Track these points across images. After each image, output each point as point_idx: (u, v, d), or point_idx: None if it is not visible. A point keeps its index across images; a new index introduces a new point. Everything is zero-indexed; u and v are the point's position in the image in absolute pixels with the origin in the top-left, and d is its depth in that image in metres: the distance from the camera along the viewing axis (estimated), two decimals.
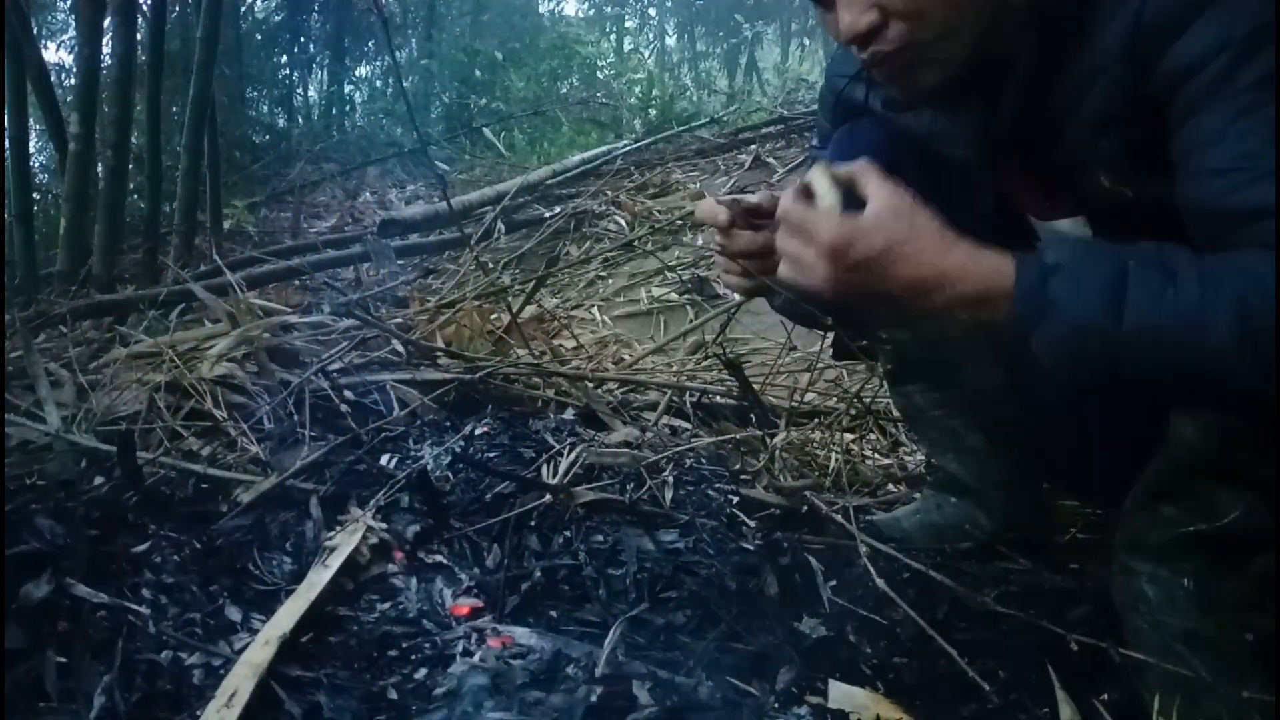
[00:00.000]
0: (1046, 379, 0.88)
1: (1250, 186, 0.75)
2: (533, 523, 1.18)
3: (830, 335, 1.43)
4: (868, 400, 1.85)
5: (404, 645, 0.97)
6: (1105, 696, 0.96)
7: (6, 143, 3.85)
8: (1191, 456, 0.91)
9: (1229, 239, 0.76)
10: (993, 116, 0.96)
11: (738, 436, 1.65)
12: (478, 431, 1.46)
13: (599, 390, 1.81)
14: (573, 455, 1.33)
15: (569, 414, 1.63)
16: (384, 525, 1.15)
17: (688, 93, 10.41)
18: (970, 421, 1.28)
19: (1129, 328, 0.74)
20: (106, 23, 3.85)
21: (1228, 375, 0.73)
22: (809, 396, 1.93)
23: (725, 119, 7.00)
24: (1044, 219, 1.08)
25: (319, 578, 1.02)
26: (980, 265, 0.81)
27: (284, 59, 10.71)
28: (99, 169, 3.75)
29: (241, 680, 0.84)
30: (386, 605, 1.04)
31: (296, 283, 3.46)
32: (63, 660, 0.86)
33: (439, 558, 1.12)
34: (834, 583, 1.13)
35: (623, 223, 4.35)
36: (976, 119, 0.98)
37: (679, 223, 4.02)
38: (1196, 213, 0.80)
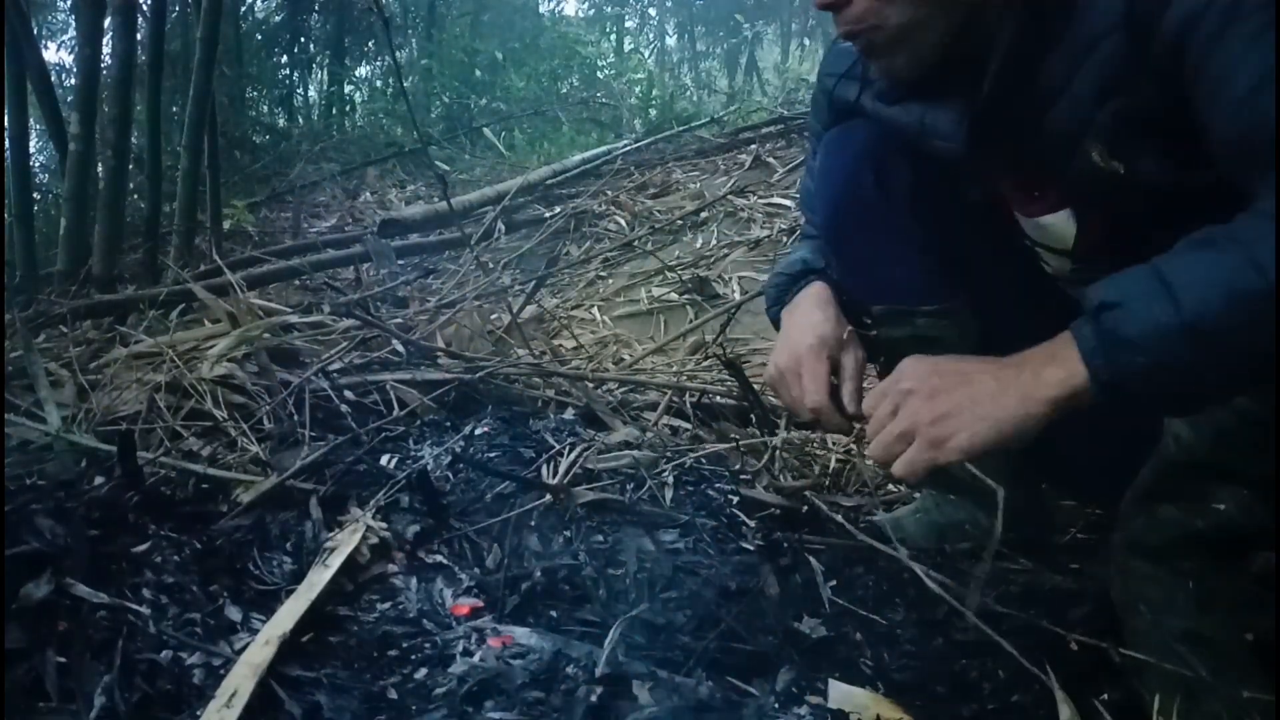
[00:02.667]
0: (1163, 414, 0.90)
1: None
2: (533, 523, 1.18)
3: None
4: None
5: (404, 645, 0.97)
6: (1105, 696, 0.96)
7: (7, 143, 3.85)
8: (1186, 456, 0.90)
9: (1267, 161, 0.74)
10: (976, 105, 0.97)
11: (737, 438, 1.65)
12: (478, 432, 1.46)
13: (599, 390, 1.81)
14: (573, 455, 1.33)
15: (569, 414, 1.63)
16: (384, 525, 1.15)
17: (688, 92, 10.41)
18: None
19: (1189, 308, 0.72)
20: (107, 23, 3.85)
21: None
22: None
23: (725, 119, 6.99)
24: (1030, 215, 1.08)
25: (319, 578, 1.02)
26: (1053, 369, 0.80)
27: (284, 59, 10.70)
28: (99, 169, 3.75)
29: (242, 680, 0.84)
30: (386, 605, 1.04)
31: (297, 283, 3.45)
32: (63, 660, 0.86)
33: (439, 558, 1.12)
34: (834, 583, 1.13)
35: (623, 223, 4.35)
36: (966, 109, 0.98)
37: (679, 223, 4.02)
38: (1233, 148, 0.78)
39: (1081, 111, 0.89)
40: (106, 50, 4.02)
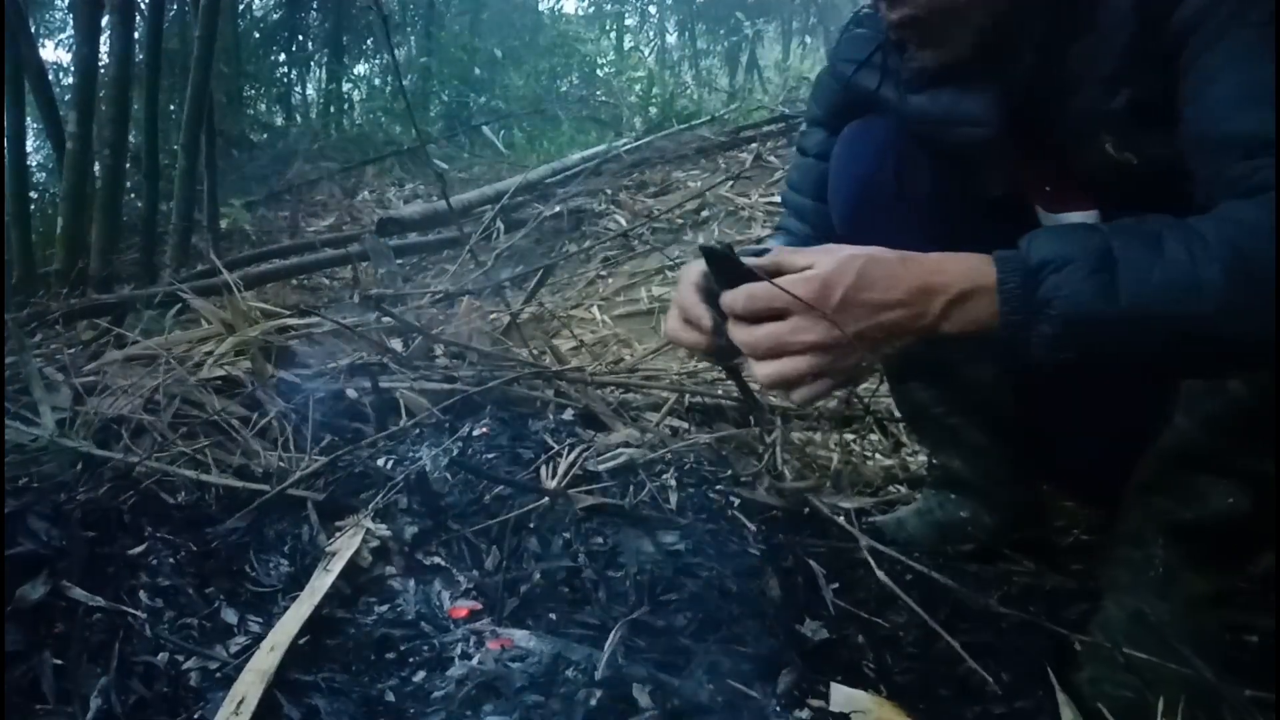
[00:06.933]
0: (1047, 373, 0.88)
1: (1253, 110, 0.75)
2: (531, 524, 1.17)
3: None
4: (867, 400, 1.84)
5: (402, 648, 0.96)
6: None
7: (4, 142, 3.83)
8: (1181, 446, 0.92)
9: (1231, 172, 0.75)
10: (1009, 91, 0.97)
11: (735, 434, 1.64)
12: (476, 433, 1.45)
13: (599, 391, 1.80)
14: (571, 456, 1.32)
15: (568, 415, 1.62)
16: (384, 527, 1.14)
17: (688, 91, 10.37)
18: (971, 418, 1.28)
19: (1126, 307, 0.71)
20: (104, 21, 3.84)
21: (1228, 327, 0.71)
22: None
23: (726, 117, 6.97)
24: (1053, 211, 1.07)
25: (322, 583, 1.01)
26: (958, 263, 0.78)
27: (282, 57, 10.68)
28: (96, 168, 3.74)
29: (249, 687, 0.83)
30: (384, 608, 1.03)
31: (295, 282, 3.45)
32: (59, 662, 0.86)
33: (437, 560, 1.12)
34: (836, 585, 1.13)
35: (622, 221, 4.34)
36: (993, 96, 0.98)
37: (679, 222, 4.01)
38: (1200, 145, 0.79)
39: (1098, 100, 0.90)
40: (104, 48, 4.01)
